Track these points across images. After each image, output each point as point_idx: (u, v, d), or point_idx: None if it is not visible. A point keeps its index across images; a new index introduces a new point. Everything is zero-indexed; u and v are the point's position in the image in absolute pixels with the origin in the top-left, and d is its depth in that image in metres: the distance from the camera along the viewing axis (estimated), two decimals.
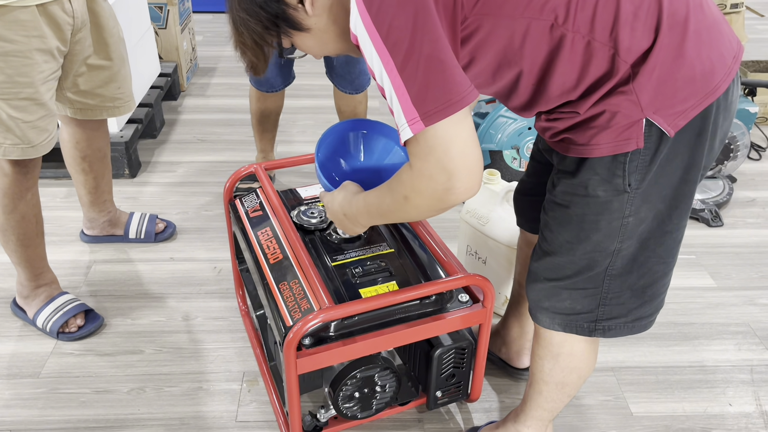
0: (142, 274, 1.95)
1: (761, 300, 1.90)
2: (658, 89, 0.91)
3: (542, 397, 1.28)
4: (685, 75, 0.91)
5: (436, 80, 0.84)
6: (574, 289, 1.10)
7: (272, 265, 1.36)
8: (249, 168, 1.57)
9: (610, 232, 1.02)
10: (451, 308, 1.30)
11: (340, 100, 2.24)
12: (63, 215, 2.19)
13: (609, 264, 1.05)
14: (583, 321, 1.12)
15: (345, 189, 1.19)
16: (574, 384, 1.25)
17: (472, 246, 1.78)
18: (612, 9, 0.89)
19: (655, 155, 0.95)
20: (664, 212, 1.02)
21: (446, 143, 0.86)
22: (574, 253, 1.06)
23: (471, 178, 0.88)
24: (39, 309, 1.71)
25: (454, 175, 0.87)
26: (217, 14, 4.19)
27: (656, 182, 0.98)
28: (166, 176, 2.46)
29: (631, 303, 1.09)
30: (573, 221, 1.04)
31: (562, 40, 0.91)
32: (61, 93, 1.65)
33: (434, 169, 0.88)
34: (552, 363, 1.21)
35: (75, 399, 1.54)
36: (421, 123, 0.85)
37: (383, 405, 1.37)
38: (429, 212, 0.97)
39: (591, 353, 1.21)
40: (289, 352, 1.16)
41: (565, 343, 1.18)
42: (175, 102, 3.04)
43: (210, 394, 1.56)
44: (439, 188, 0.89)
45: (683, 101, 0.92)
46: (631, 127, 0.93)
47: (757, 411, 1.54)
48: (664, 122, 0.93)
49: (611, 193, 0.99)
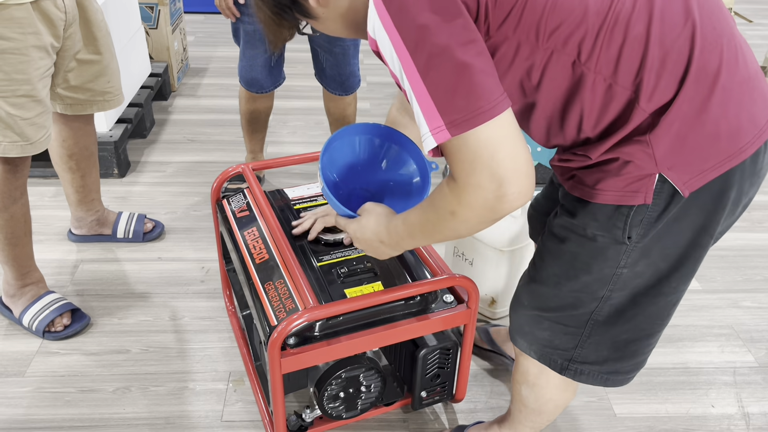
0: (130, 273, 1.95)
1: (745, 303, 1.91)
2: (676, 144, 0.85)
3: (522, 415, 1.29)
4: (708, 132, 0.84)
5: (463, 86, 0.77)
6: (556, 323, 1.06)
7: (258, 265, 1.36)
8: (236, 168, 1.57)
9: (601, 278, 0.97)
10: (436, 309, 1.31)
11: (330, 101, 2.25)
12: (51, 214, 2.18)
13: (595, 309, 1.01)
14: (557, 357, 1.08)
15: (373, 213, 1.09)
16: (550, 413, 1.25)
17: (459, 247, 1.79)
18: (639, 52, 0.82)
19: (663, 213, 0.89)
20: (663, 272, 0.96)
21: (492, 148, 0.78)
22: (560, 289, 1.02)
23: (524, 181, 0.80)
24: (25, 308, 1.70)
25: (505, 181, 0.78)
26: (208, 15, 4.18)
27: (659, 240, 0.92)
28: (155, 176, 2.46)
29: (608, 353, 1.05)
30: (565, 257, 1.00)
31: (582, 80, 0.85)
32: (52, 89, 1.65)
33: (482, 177, 0.79)
34: (528, 391, 1.21)
35: (60, 398, 1.54)
36: (446, 132, 0.78)
37: (368, 405, 1.38)
38: (479, 225, 0.87)
39: (567, 388, 1.19)
40: (274, 351, 1.17)
41: (541, 376, 1.16)
42: (166, 102, 3.03)
43: (196, 393, 1.56)
44: (490, 197, 0.80)
45: (703, 161, 0.86)
46: (642, 180, 0.87)
47: (739, 412, 1.56)
48: (678, 180, 0.86)
49: (609, 241, 0.93)
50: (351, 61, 2.11)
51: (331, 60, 2.09)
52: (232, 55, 3.51)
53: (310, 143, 2.73)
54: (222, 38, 3.80)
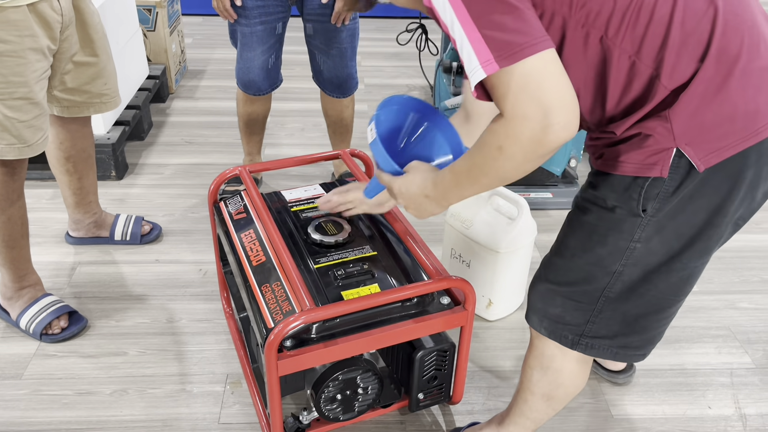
0: (127, 275, 1.95)
1: (742, 304, 1.92)
2: (694, 121, 0.89)
3: (527, 405, 1.28)
4: (725, 112, 0.89)
5: (512, 23, 0.82)
6: (569, 299, 1.09)
7: (255, 267, 1.37)
8: (233, 170, 1.58)
9: (615, 252, 1.00)
10: (433, 311, 1.32)
11: (327, 103, 2.25)
12: (48, 216, 2.18)
13: (608, 285, 1.03)
14: (568, 332, 1.11)
15: (420, 169, 1.10)
16: (560, 399, 1.24)
17: (456, 249, 1.80)
18: (662, 32, 0.88)
19: (679, 188, 0.93)
20: (676, 250, 0.99)
21: (539, 78, 0.82)
22: (575, 261, 1.06)
23: (569, 111, 0.83)
24: (22, 310, 1.70)
25: (551, 110, 0.82)
26: (206, 17, 4.18)
27: (674, 217, 0.95)
28: (152, 178, 2.46)
29: (619, 328, 1.08)
30: (584, 228, 1.04)
31: (609, 55, 0.90)
32: (49, 92, 1.65)
33: (528, 107, 0.82)
34: (540, 374, 1.21)
35: (57, 400, 1.54)
36: (495, 64, 0.82)
37: (365, 407, 1.38)
38: (525, 162, 0.88)
39: (580, 374, 1.20)
40: (271, 353, 1.17)
41: (556, 358, 1.18)
42: (164, 104, 3.04)
43: (193, 395, 1.56)
44: (536, 128, 0.83)
45: (719, 139, 0.90)
46: (660, 153, 0.91)
47: (736, 414, 1.56)
48: (695, 156, 0.90)
49: (625, 213, 0.97)
50: (348, 63, 2.12)
51: (328, 62, 2.10)
52: (229, 57, 3.51)
53: (308, 145, 2.73)
54: (219, 40, 3.81)
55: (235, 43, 2.12)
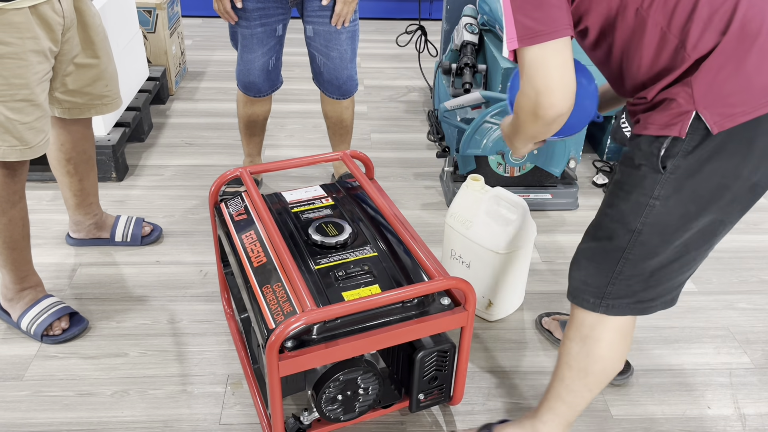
0: (128, 277, 1.96)
1: (740, 304, 1.92)
2: (712, 88, 0.99)
3: (563, 385, 1.30)
4: (742, 83, 0.99)
5: (533, 11, 0.99)
6: (591, 260, 1.19)
7: (256, 268, 1.37)
8: (234, 172, 1.58)
9: (636, 208, 1.10)
10: (433, 311, 1.32)
11: (327, 105, 2.26)
12: (49, 218, 2.19)
13: (627, 245, 1.12)
14: (590, 296, 1.19)
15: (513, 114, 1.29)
16: (596, 376, 1.27)
17: (456, 250, 1.80)
18: (690, 6, 0.99)
19: (696, 150, 1.02)
20: (692, 212, 1.08)
21: (536, 65, 1.00)
22: (601, 218, 1.17)
23: (554, 95, 1.01)
24: (23, 312, 1.71)
25: (540, 93, 1.01)
26: (206, 18, 4.19)
27: (691, 177, 1.04)
28: (153, 180, 2.46)
29: (637, 286, 1.16)
30: (614, 186, 1.15)
31: (643, 25, 1.02)
32: (50, 93, 1.66)
33: (526, 86, 1.03)
34: (579, 346, 1.25)
35: (59, 402, 1.54)
36: (515, 42, 1.01)
37: (366, 408, 1.39)
38: (532, 128, 1.09)
39: (618, 347, 1.24)
40: (272, 354, 1.17)
41: (596, 327, 1.22)
42: (164, 106, 3.04)
43: (194, 396, 1.57)
44: (531, 104, 1.03)
45: (733, 105, 0.99)
46: (681, 116, 1.02)
47: (735, 414, 1.57)
48: (710, 119, 1.00)
49: (648, 169, 1.07)
50: (348, 65, 2.12)
51: (328, 64, 2.10)
52: (229, 58, 3.52)
53: (308, 146, 2.74)
54: (219, 42, 3.81)
55: (235, 45, 2.12)
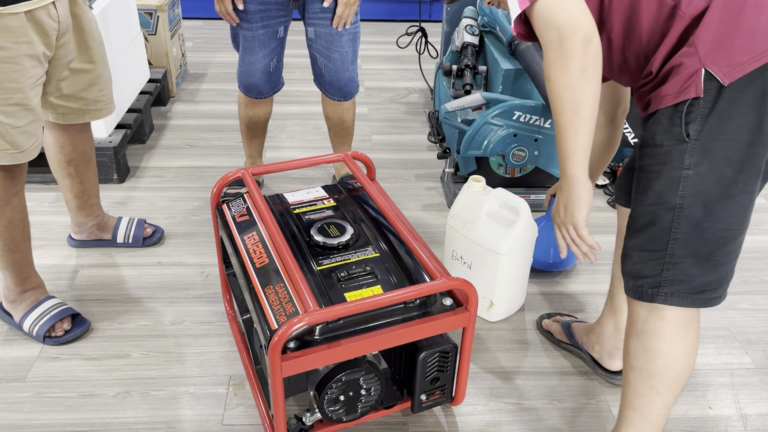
0: (130, 278, 1.96)
1: (741, 305, 1.93)
2: (716, 42, 1.02)
3: (630, 389, 1.25)
4: (744, 33, 1.01)
5: None
6: (641, 251, 1.16)
7: (258, 269, 1.37)
8: (236, 173, 1.58)
9: (670, 184, 1.09)
10: (435, 312, 1.32)
11: (328, 106, 2.26)
12: (51, 220, 2.19)
13: (672, 224, 1.10)
14: (647, 286, 1.16)
15: None
16: (660, 376, 1.19)
17: (457, 251, 1.80)
18: None
19: (714, 107, 1.03)
20: (730, 176, 1.06)
21: (550, 11, 1.04)
22: (640, 206, 1.15)
23: (576, 22, 1.03)
24: (25, 313, 1.71)
25: (561, 27, 1.03)
26: (207, 20, 4.20)
27: (717, 138, 1.04)
28: (154, 181, 2.46)
29: (694, 270, 1.12)
30: (642, 172, 1.14)
31: None
32: (44, 98, 1.66)
33: (545, 31, 1.05)
34: (636, 342, 1.21)
35: (61, 403, 1.55)
36: (527, 1, 1.05)
37: (368, 408, 1.39)
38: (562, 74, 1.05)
39: (680, 342, 1.17)
40: (274, 355, 1.18)
41: (649, 319, 1.18)
42: (165, 107, 3.04)
43: (196, 397, 1.57)
44: (554, 40, 1.04)
45: (740, 55, 1.02)
46: (692, 77, 1.04)
47: (736, 414, 1.57)
48: (720, 72, 1.02)
49: (672, 143, 1.07)
50: (349, 67, 2.13)
51: (329, 66, 2.11)
52: (230, 60, 3.52)
53: (309, 148, 2.74)
54: (220, 44, 3.82)
55: (237, 47, 2.13)
